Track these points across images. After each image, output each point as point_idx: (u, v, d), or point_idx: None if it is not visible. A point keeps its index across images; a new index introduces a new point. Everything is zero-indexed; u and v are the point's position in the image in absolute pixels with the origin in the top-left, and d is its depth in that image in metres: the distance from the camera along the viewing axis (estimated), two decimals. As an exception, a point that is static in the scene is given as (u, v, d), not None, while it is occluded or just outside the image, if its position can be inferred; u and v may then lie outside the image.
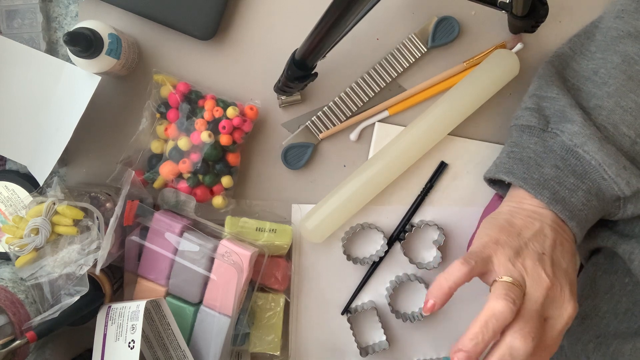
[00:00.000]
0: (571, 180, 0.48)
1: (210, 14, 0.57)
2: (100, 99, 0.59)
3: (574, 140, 0.49)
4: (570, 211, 0.47)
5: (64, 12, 0.59)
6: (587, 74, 0.53)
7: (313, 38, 0.41)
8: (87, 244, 0.51)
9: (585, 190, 0.48)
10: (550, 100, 0.52)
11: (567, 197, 0.48)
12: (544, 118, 0.52)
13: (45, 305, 0.52)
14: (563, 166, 0.49)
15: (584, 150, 0.48)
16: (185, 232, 0.56)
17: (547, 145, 0.50)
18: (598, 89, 0.51)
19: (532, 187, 0.48)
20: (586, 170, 0.48)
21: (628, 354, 0.49)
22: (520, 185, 0.49)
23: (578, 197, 0.48)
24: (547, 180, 0.48)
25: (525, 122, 0.53)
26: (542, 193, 0.48)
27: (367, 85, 0.60)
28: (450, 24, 0.60)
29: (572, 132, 0.49)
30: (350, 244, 0.62)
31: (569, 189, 0.48)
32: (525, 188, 0.49)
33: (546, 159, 0.50)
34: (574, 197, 0.48)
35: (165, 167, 0.57)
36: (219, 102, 0.57)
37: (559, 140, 0.50)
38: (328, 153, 0.62)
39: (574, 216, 0.48)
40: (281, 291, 0.60)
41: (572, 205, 0.48)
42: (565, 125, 0.50)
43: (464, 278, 0.42)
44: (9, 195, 0.58)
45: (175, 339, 0.54)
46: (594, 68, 0.53)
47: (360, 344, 0.62)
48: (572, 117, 0.50)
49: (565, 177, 0.48)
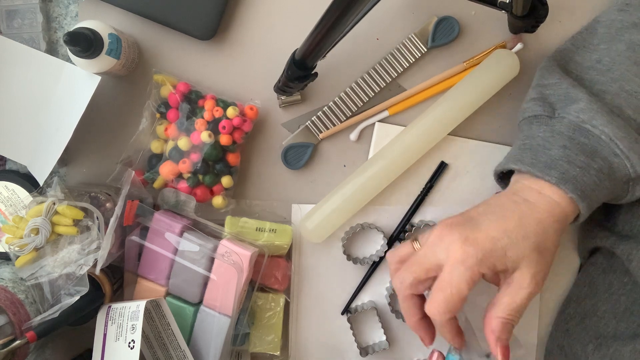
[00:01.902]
0: (581, 159, 0.45)
1: (210, 14, 0.57)
2: (100, 99, 0.59)
3: (581, 117, 0.46)
4: (582, 190, 0.45)
5: (64, 12, 0.59)
6: (590, 64, 0.52)
7: (313, 38, 0.41)
8: (87, 244, 0.51)
9: (596, 169, 0.45)
10: (552, 87, 0.51)
11: (579, 176, 0.45)
12: (549, 105, 0.50)
13: (45, 305, 0.52)
14: (571, 145, 0.46)
15: (592, 125, 0.46)
16: (185, 232, 0.56)
17: (555, 129, 0.49)
18: (602, 75, 0.50)
19: (540, 170, 0.46)
20: (596, 149, 0.46)
21: (628, 356, 0.48)
22: (527, 170, 0.47)
23: (590, 177, 0.45)
24: (555, 160, 0.46)
25: (531, 113, 0.51)
26: (550, 173, 0.45)
27: (367, 85, 0.60)
28: (450, 24, 0.60)
29: (578, 109, 0.47)
30: (350, 244, 0.62)
31: (580, 167, 0.45)
32: (532, 172, 0.46)
33: (553, 142, 0.47)
34: (586, 176, 0.45)
35: (165, 167, 0.57)
36: (219, 102, 0.57)
37: (566, 121, 0.48)
38: (328, 153, 0.62)
39: (586, 196, 0.45)
40: (281, 291, 0.60)
41: (584, 185, 0.45)
42: (570, 106, 0.48)
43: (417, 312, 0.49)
44: (9, 195, 0.58)
45: (175, 339, 0.54)
46: (597, 58, 0.52)
47: (360, 344, 0.62)
48: (577, 96, 0.48)
49: (575, 156, 0.46)
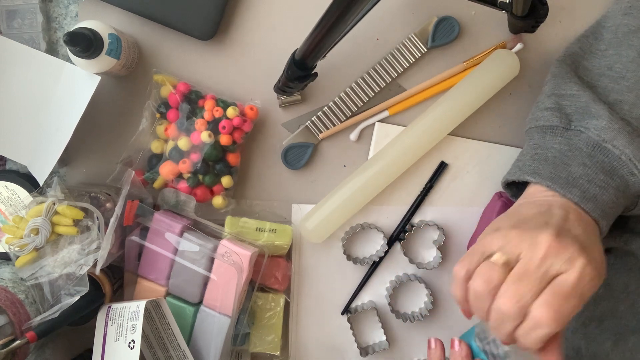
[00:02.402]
0: (601, 177, 0.46)
1: (210, 14, 0.57)
2: (100, 99, 0.59)
3: (602, 136, 0.47)
4: (602, 210, 0.45)
5: (64, 12, 0.59)
6: (600, 70, 0.52)
7: (313, 38, 0.41)
8: (87, 244, 0.51)
9: (614, 187, 0.46)
10: (570, 98, 0.51)
11: (599, 195, 0.45)
12: (565, 117, 0.50)
13: (45, 305, 0.52)
14: (590, 163, 0.47)
15: (613, 145, 0.46)
16: (185, 232, 0.56)
17: (572, 143, 0.48)
18: (616, 83, 0.50)
19: (561, 187, 0.45)
20: (614, 167, 0.46)
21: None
22: (548, 185, 0.46)
23: (609, 195, 0.46)
24: (576, 178, 0.46)
25: (546, 122, 0.51)
26: (572, 192, 0.45)
27: (367, 85, 0.60)
28: (450, 24, 0.60)
29: (599, 127, 0.47)
30: (350, 244, 0.62)
31: (600, 187, 0.46)
32: (553, 188, 0.46)
33: (572, 158, 0.47)
34: (605, 195, 0.45)
35: (165, 167, 0.57)
36: (219, 102, 0.57)
37: (584, 137, 0.48)
38: (328, 153, 0.62)
39: (605, 215, 0.45)
40: (281, 291, 0.60)
41: (603, 204, 0.45)
42: (589, 121, 0.48)
43: (464, 277, 0.42)
44: (9, 195, 0.58)
45: (175, 339, 0.54)
46: (607, 64, 0.52)
47: (360, 344, 0.62)
48: (598, 113, 0.48)
49: (595, 175, 0.46)
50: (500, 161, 0.62)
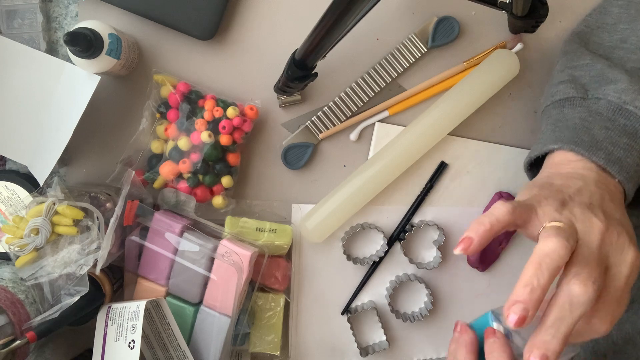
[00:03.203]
0: (624, 140, 0.44)
1: (210, 14, 0.57)
2: (100, 99, 0.59)
3: (622, 98, 0.45)
4: (627, 172, 0.43)
5: (64, 12, 0.59)
6: (612, 44, 0.51)
7: (313, 38, 0.41)
8: (87, 244, 0.51)
9: (638, 150, 0.44)
10: (584, 68, 0.50)
11: (623, 158, 0.44)
12: (581, 87, 0.49)
13: (45, 305, 0.52)
14: (612, 127, 0.45)
15: (635, 105, 0.45)
16: (185, 232, 0.56)
17: (592, 109, 0.47)
18: (632, 54, 0.49)
19: (586, 149, 0.43)
20: (637, 129, 0.45)
21: None
22: (572, 149, 0.44)
23: (633, 158, 0.44)
24: (600, 141, 0.44)
25: (562, 96, 0.50)
26: (597, 154, 0.43)
27: (367, 85, 0.60)
28: (450, 24, 0.60)
29: (619, 89, 0.46)
30: (350, 244, 0.62)
31: (624, 149, 0.44)
32: (578, 152, 0.44)
33: (593, 122, 0.46)
34: (629, 157, 0.44)
35: (165, 167, 0.57)
36: (219, 102, 0.57)
37: (604, 102, 0.47)
38: (328, 153, 0.62)
39: (631, 178, 0.43)
40: (281, 291, 0.60)
41: (628, 166, 0.43)
42: (607, 87, 0.47)
43: (506, 216, 0.38)
44: (9, 195, 0.58)
45: (175, 339, 0.54)
46: (620, 38, 0.51)
47: (360, 344, 0.62)
48: (615, 77, 0.47)
49: (618, 137, 0.44)
50: (500, 161, 0.62)
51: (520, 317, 0.34)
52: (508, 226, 0.38)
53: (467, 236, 0.37)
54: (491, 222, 0.37)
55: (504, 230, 0.38)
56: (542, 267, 0.34)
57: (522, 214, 0.39)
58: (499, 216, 0.38)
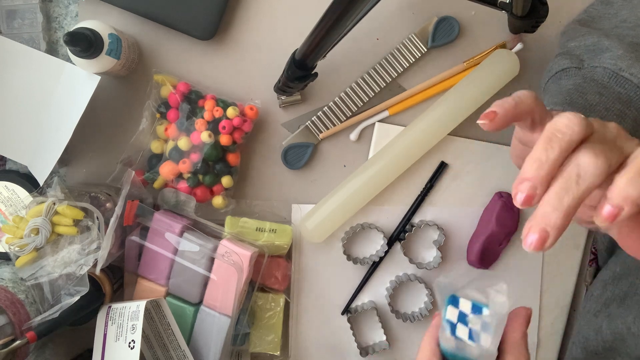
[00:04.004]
0: (618, 107, 0.44)
1: (210, 14, 0.57)
2: (100, 99, 0.59)
3: (618, 64, 0.45)
4: None
5: (64, 12, 0.59)
6: (613, 25, 0.51)
7: (313, 38, 0.41)
8: (87, 244, 0.51)
9: (632, 118, 0.44)
10: (578, 39, 0.50)
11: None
12: (576, 57, 0.49)
13: (45, 305, 0.52)
14: (606, 93, 0.45)
15: (631, 72, 0.44)
16: (185, 232, 0.56)
17: (587, 77, 0.47)
18: (632, 30, 0.48)
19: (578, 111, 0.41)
20: (631, 97, 0.44)
21: None
22: (564, 109, 0.43)
23: (626, 126, 0.43)
24: (593, 105, 0.44)
25: (558, 68, 0.49)
26: (590, 117, 0.43)
27: (367, 85, 0.60)
28: (450, 24, 0.60)
29: (615, 56, 0.45)
30: (350, 244, 0.62)
31: (617, 115, 0.43)
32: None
33: (587, 88, 0.45)
34: (622, 124, 0.42)
35: (165, 167, 0.57)
36: (219, 102, 0.57)
37: (599, 70, 0.46)
38: (328, 153, 0.62)
39: None
40: (281, 291, 0.60)
41: None
42: (602, 55, 0.47)
43: (530, 99, 0.35)
44: (9, 195, 0.58)
45: (175, 339, 0.54)
46: (621, 19, 0.50)
47: (360, 344, 0.62)
48: (610, 45, 0.47)
49: (611, 104, 0.44)
50: (500, 161, 0.62)
51: (527, 196, 0.31)
52: (529, 113, 0.35)
53: (492, 110, 0.35)
54: (515, 101, 0.35)
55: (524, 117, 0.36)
56: (553, 141, 0.31)
57: (542, 108, 0.36)
58: (523, 97, 0.35)
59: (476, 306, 0.34)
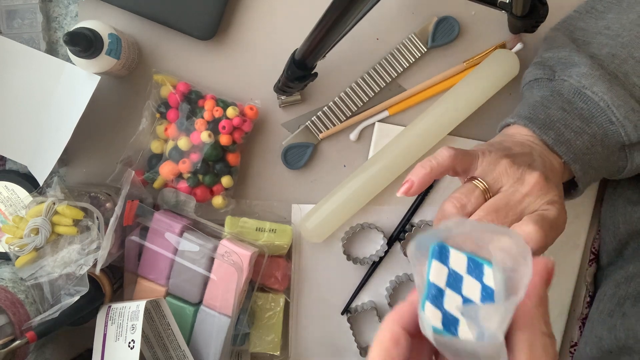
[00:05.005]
0: (577, 123, 0.47)
1: (210, 14, 0.57)
2: (100, 99, 0.59)
3: (582, 82, 0.47)
4: (574, 154, 0.46)
5: (64, 12, 0.59)
6: (597, 29, 0.52)
7: (313, 38, 0.41)
8: (87, 244, 0.52)
9: (590, 134, 0.47)
10: (553, 50, 0.52)
11: (572, 140, 0.46)
12: (549, 68, 0.51)
13: (45, 305, 0.52)
14: (570, 109, 0.48)
15: (593, 91, 0.47)
16: (185, 232, 0.56)
17: (555, 89, 0.49)
18: (611, 39, 0.50)
19: (538, 127, 0.47)
20: (593, 114, 0.47)
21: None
22: (525, 124, 0.47)
23: (583, 141, 0.47)
24: (554, 121, 0.47)
25: (532, 77, 0.52)
26: (548, 133, 0.46)
27: (367, 85, 0.60)
28: (450, 24, 0.60)
29: (580, 73, 0.48)
30: (350, 244, 0.62)
31: (575, 132, 0.47)
32: (530, 127, 0.47)
33: (552, 102, 0.48)
34: (579, 140, 0.47)
35: (165, 167, 0.57)
36: (219, 102, 0.57)
37: (567, 84, 0.49)
38: (328, 153, 0.62)
39: (578, 159, 0.47)
40: (281, 291, 0.60)
41: (576, 148, 0.46)
42: (571, 70, 0.49)
43: (447, 161, 0.42)
44: (9, 195, 0.58)
45: (175, 339, 0.54)
46: (605, 25, 0.52)
47: (360, 344, 0.62)
48: (579, 61, 0.49)
49: (572, 120, 0.47)
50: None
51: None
52: (447, 171, 0.43)
53: (409, 179, 0.42)
54: (432, 166, 0.42)
55: (445, 174, 0.43)
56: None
57: (463, 161, 0.43)
58: (440, 160, 0.42)
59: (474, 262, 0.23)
